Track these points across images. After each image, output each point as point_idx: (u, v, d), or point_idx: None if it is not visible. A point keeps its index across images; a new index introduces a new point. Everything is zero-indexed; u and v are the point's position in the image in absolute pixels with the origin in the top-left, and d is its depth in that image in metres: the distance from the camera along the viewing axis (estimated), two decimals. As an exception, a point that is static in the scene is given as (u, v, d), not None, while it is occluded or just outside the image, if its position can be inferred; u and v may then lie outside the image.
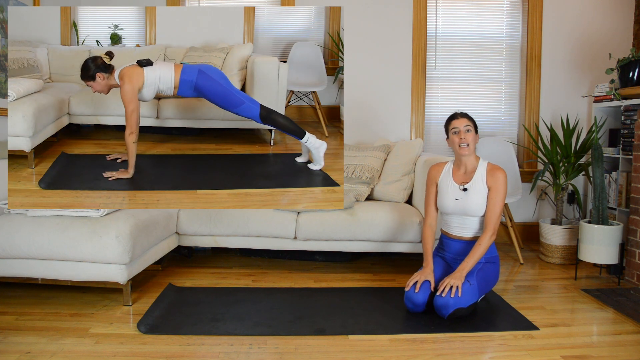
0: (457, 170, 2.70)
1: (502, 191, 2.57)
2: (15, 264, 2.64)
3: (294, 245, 3.27)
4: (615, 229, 3.12)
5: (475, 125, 2.66)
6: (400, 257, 3.65)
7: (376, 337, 2.29)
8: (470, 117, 2.68)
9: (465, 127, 2.62)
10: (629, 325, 2.46)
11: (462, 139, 2.61)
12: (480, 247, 2.54)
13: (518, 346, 2.21)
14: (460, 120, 2.64)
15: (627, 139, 3.42)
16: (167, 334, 2.30)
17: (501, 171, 2.61)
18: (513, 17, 4.20)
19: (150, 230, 2.84)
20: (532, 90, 4.16)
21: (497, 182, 2.57)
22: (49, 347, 2.16)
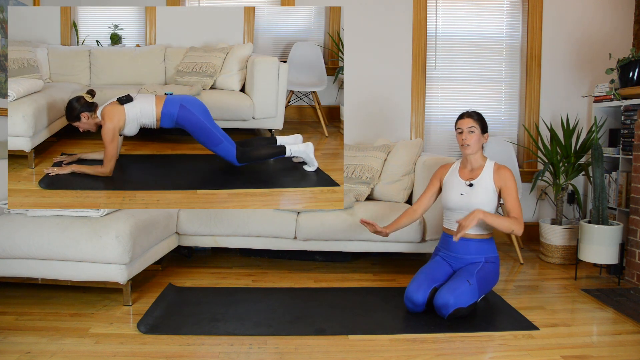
0: (464, 169, 2.74)
1: (514, 187, 2.64)
2: (15, 264, 2.64)
3: (294, 245, 3.27)
4: (615, 229, 3.12)
5: (482, 125, 2.69)
6: (400, 257, 3.65)
7: (376, 337, 2.29)
8: (478, 116, 2.70)
9: (468, 128, 2.65)
10: (629, 325, 2.46)
11: (464, 140, 2.66)
12: (505, 220, 2.58)
13: (518, 346, 2.22)
14: (464, 121, 2.68)
15: (627, 139, 3.42)
16: (167, 334, 2.30)
17: (507, 170, 2.67)
18: (513, 17, 4.20)
19: (150, 230, 2.84)
20: (532, 90, 4.16)
21: (506, 181, 2.63)
22: (49, 347, 2.16)
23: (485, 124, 2.72)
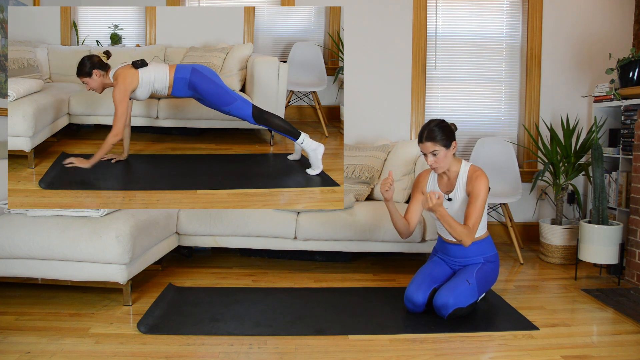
0: (441, 179, 2.66)
1: (480, 195, 2.47)
2: (15, 264, 2.64)
3: (294, 245, 3.27)
4: (615, 229, 3.12)
5: (445, 140, 2.48)
6: (400, 257, 3.65)
7: (376, 337, 2.29)
8: (440, 134, 2.47)
9: (431, 152, 2.49)
10: (629, 325, 2.46)
11: (430, 164, 2.53)
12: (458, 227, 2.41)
13: (518, 346, 2.21)
14: (425, 145, 2.49)
15: (627, 139, 3.42)
16: (167, 334, 2.30)
17: (481, 177, 2.50)
18: (513, 17, 4.20)
19: (150, 230, 2.84)
20: (532, 90, 4.16)
21: (474, 188, 2.49)
22: (49, 347, 2.16)
23: (449, 134, 2.50)
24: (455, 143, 2.54)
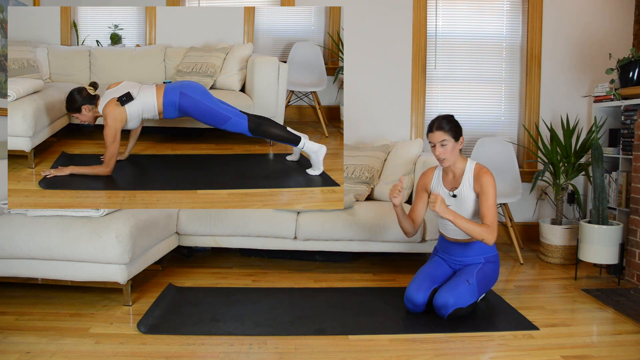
0: (446, 176, 2.66)
1: (491, 193, 2.49)
2: (15, 264, 2.64)
3: (294, 245, 3.27)
4: (615, 229, 3.12)
5: (454, 132, 2.52)
6: (400, 257, 3.65)
7: (376, 337, 2.29)
8: (449, 124, 2.52)
9: (440, 142, 2.51)
10: (629, 325, 2.46)
11: (438, 155, 2.54)
12: (477, 227, 2.44)
13: (518, 346, 2.21)
14: (435, 135, 2.52)
15: (627, 139, 3.42)
16: (167, 334, 2.30)
17: (487, 175, 2.52)
18: (513, 17, 4.20)
19: (150, 230, 2.84)
20: (532, 90, 4.16)
21: (483, 187, 2.50)
22: (49, 347, 2.16)
23: (458, 128, 2.55)
24: (463, 139, 2.58)
